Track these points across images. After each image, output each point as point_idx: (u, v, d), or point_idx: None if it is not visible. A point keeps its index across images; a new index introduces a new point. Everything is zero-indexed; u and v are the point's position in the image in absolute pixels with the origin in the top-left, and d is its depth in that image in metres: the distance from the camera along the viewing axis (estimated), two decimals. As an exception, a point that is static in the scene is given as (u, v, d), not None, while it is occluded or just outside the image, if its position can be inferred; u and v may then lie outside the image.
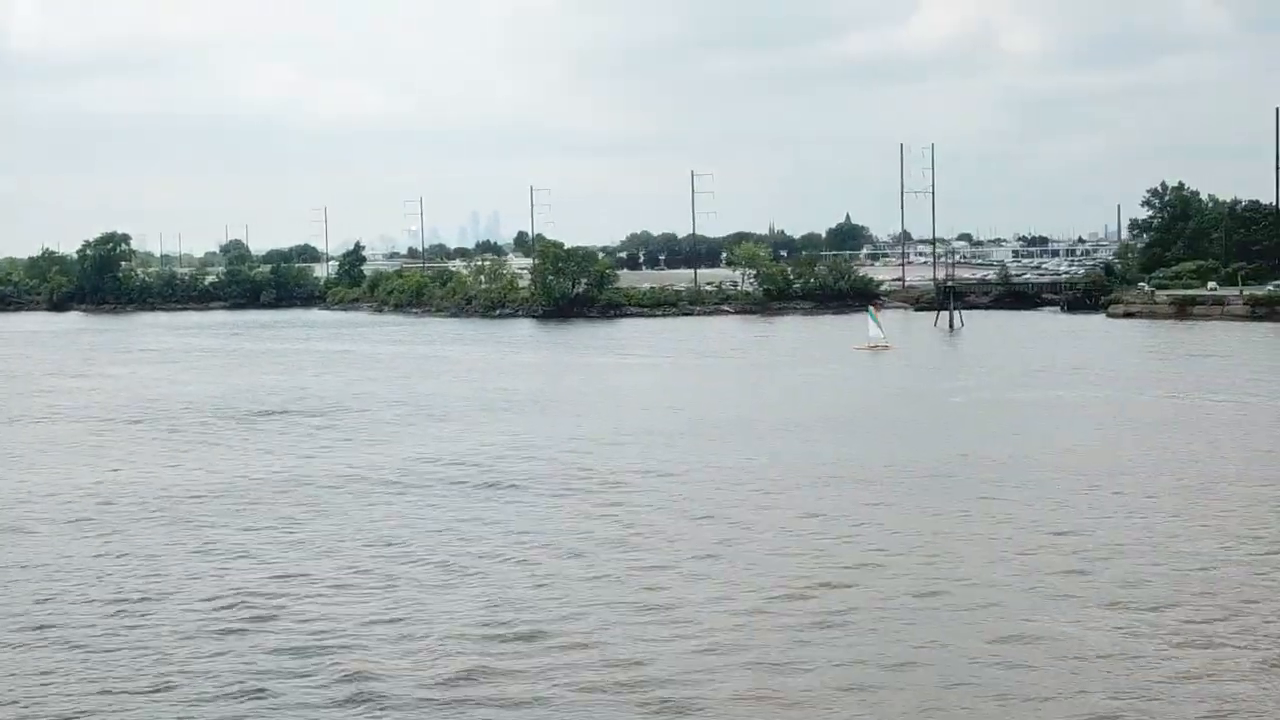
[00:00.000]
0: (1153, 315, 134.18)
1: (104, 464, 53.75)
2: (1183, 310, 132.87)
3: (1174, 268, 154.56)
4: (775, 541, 37.09)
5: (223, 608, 31.44)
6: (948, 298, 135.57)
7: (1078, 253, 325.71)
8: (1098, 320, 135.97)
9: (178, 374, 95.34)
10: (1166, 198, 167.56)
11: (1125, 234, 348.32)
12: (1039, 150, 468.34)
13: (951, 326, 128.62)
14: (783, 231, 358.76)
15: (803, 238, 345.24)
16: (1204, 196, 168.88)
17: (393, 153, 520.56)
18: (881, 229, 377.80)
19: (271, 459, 54.18)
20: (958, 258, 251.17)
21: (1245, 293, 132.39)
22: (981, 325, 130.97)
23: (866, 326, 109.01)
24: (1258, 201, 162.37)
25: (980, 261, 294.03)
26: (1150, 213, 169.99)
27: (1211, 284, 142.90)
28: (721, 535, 37.94)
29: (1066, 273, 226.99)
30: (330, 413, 70.39)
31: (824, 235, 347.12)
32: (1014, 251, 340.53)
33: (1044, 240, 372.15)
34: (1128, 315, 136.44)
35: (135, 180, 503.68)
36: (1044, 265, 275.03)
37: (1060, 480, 45.69)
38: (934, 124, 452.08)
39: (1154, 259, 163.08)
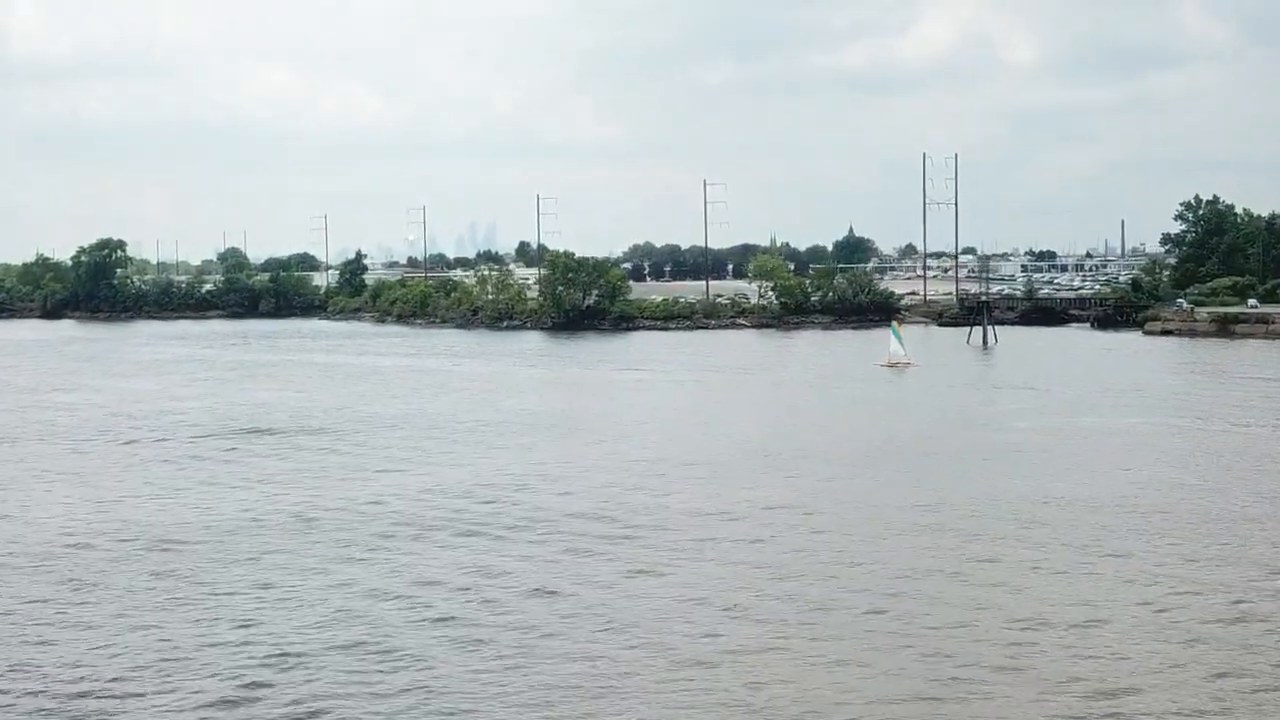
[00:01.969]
0: (1192, 334, 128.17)
1: (84, 495, 47.91)
2: (1224, 328, 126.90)
3: (1209, 284, 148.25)
4: (884, 614, 31.05)
5: (231, 692, 25.47)
6: (980, 313, 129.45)
7: (1086, 267, 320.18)
8: (1134, 338, 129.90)
9: (171, 388, 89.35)
10: (1200, 211, 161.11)
11: (1130, 248, 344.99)
12: (1038, 163, 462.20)
13: (985, 343, 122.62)
14: (788, 244, 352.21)
15: (808, 250, 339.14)
16: (1239, 210, 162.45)
17: (390, 159, 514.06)
18: (886, 242, 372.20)
19: (275, 491, 48.19)
20: (967, 271, 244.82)
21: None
22: (1014, 342, 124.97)
23: (888, 342, 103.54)
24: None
25: (991, 276, 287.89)
26: (1183, 226, 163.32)
27: (1251, 301, 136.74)
28: (813, 601, 31.94)
29: (1082, 287, 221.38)
30: (337, 434, 64.52)
31: (830, 248, 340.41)
32: (1023, 266, 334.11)
33: (1052, 255, 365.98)
34: (1165, 333, 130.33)
35: (132, 186, 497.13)
36: (1057, 280, 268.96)
37: (1185, 529, 39.72)
38: (932, 136, 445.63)
39: (1187, 275, 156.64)
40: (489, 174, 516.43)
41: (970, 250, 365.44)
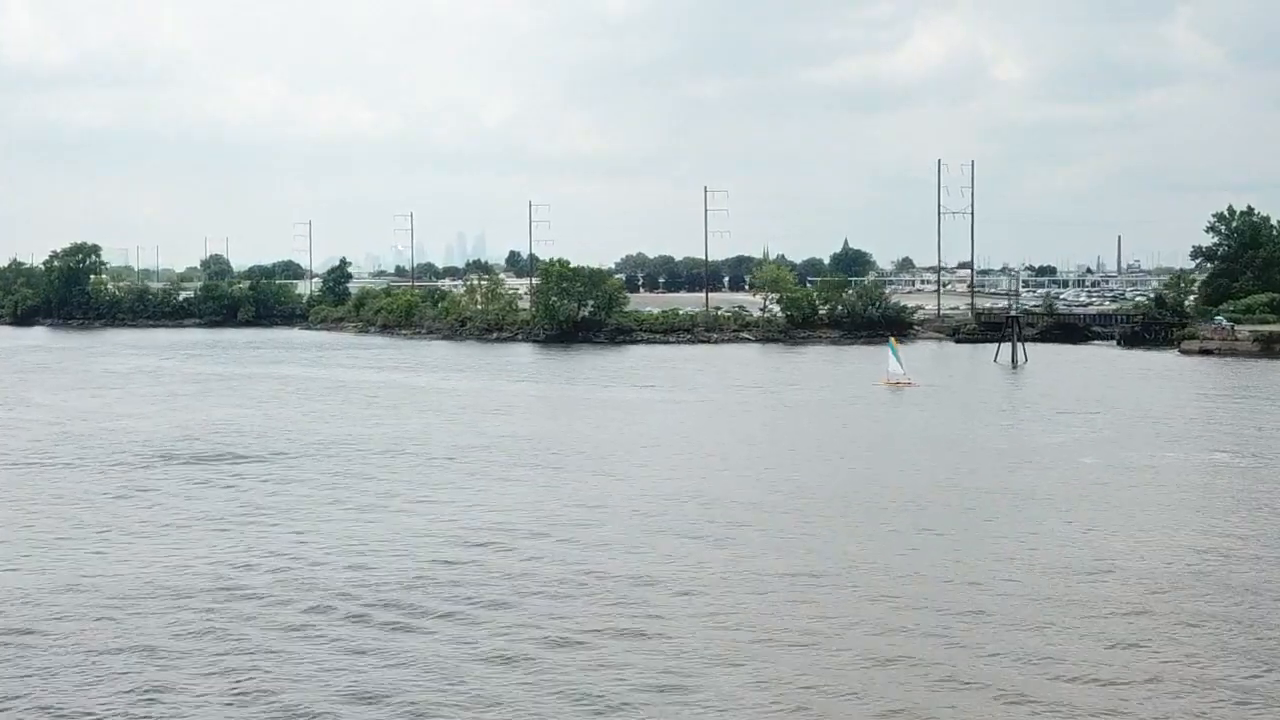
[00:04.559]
0: (1233, 353, 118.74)
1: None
2: (1269, 348, 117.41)
3: (1244, 300, 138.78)
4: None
5: None
6: (1010, 329, 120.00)
7: (1086, 283, 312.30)
8: (1171, 358, 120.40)
9: (115, 405, 79.64)
10: (1234, 223, 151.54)
11: (1125, 264, 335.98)
12: (1029, 178, 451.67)
13: (1015, 362, 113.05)
14: (783, 256, 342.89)
15: (804, 262, 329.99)
16: (1274, 222, 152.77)
17: (380, 170, 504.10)
18: (880, 255, 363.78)
19: (183, 543, 38.40)
20: (966, 286, 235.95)
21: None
22: (1043, 360, 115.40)
23: (886, 360, 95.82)
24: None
25: (993, 290, 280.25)
26: (1215, 239, 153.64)
27: None
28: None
29: (1090, 303, 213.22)
30: (288, 462, 55.00)
31: (826, 261, 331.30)
32: (1024, 281, 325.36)
33: (1051, 270, 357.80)
34: (1204, 353, 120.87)
35: (123, 194, 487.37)
36: (1063, 296, 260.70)
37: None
38: (925, 151, 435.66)
39: (1219, 290, 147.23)
40: (480, 186, 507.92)
41: (966, 265, 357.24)
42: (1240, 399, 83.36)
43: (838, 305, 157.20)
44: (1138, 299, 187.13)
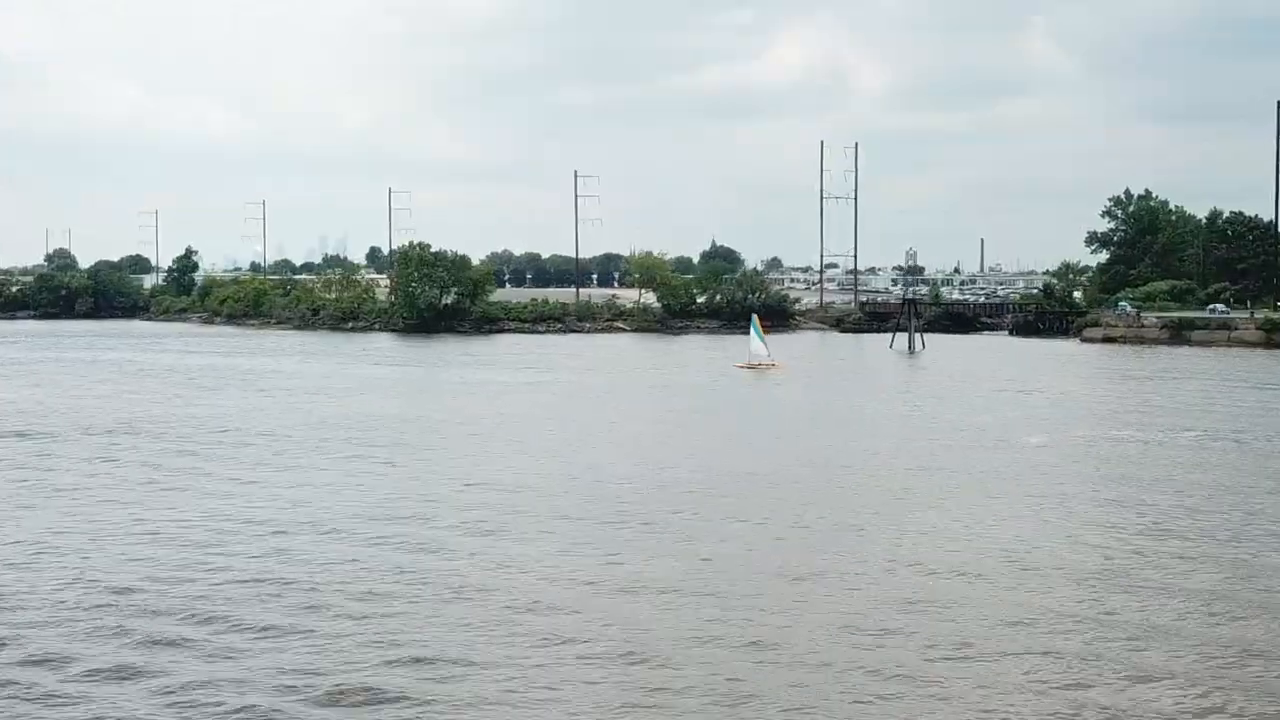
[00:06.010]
0: (1140, 340, 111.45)
1: None
2: (1178, 335, 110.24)
3: (1144, 287, 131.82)
4: None
5: None
6: (906, 315, 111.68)
7: (955, 282, 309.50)
8: (1072, 345, 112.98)
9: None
10: (1131, 208, 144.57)
11: (989, 268, 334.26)
12: (888, 187, 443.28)
13: (912, 348, 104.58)
14: (651, 253, 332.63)
15: (673, 260, 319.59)
16: (1172, 206, 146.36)
17: (240, 174, 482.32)
18: (751, 255, 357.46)
19: None
20: (836, 285, 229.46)
21: (1259, 316, 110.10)
22: (941, 348, 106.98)
23: (749, 342, 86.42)
24: (1241, 213, 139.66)
25: (864, 289, 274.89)
26: (1111, 224, 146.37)
27: (1215, 306, 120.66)
28: None
29: (964, 299, 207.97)
30: (71, 442, 43.87)
31: (695, 259, 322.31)
32: (892, 280, 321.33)
33: (920, 270, 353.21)
34: (1108, 340, 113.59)
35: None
36: (938, 293, 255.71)
37: None
38: (790, 156, 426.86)
39: (1117, 278, 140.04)
40: (342, 190, 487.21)
41: (832, 265, 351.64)
42: (1176, 381, 75.25)
43: (717, 294, 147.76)
44: (1010, 296, 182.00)
